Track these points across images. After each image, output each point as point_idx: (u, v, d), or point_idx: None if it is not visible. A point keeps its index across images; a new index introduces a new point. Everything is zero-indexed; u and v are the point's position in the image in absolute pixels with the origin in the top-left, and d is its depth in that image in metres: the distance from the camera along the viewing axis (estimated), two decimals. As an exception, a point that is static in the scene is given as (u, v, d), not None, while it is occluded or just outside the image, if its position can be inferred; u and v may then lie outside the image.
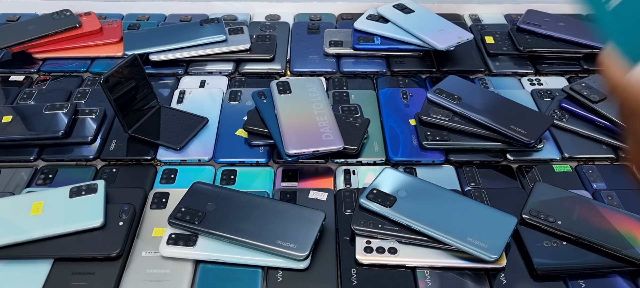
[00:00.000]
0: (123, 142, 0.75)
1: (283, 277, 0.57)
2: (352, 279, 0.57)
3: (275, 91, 0.77)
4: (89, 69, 0.91)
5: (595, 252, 0.59)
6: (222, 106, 0.82)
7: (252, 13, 1.08)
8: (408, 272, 0.58)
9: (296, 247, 0.57)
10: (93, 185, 0.63)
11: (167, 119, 0.78)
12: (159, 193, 0.67)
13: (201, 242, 0.59)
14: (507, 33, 0.97)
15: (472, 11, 1.08)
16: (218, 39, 0.91)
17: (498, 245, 0.57)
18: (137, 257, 0.60)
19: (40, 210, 0.61)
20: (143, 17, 1.05)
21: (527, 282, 0.58)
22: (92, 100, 0.83)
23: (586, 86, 0.79)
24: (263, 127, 0.74)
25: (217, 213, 0.60)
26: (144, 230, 0.63)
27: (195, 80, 0.88)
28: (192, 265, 0.59)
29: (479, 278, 0.58)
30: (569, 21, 0.96)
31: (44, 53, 0.92)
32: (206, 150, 0.74)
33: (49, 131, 0.74)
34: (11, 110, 0.77)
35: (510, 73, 0.91)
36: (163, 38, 0.91)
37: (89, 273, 0.57)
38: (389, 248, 0.59)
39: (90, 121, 0.77)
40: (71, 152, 0.74)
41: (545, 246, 0.60)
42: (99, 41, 0.93)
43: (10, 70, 0.91)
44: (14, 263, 0.59)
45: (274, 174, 0.71)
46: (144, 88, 0.77)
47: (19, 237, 0.59)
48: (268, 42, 0.94)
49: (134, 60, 0.75)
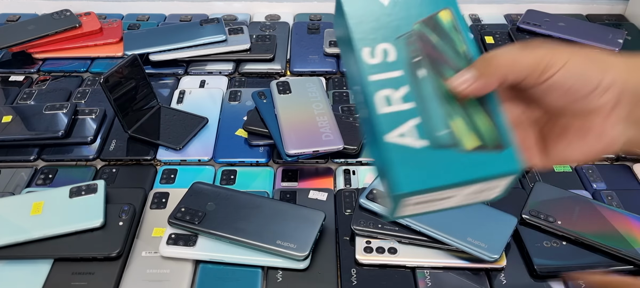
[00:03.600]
0: (123, 142, 0.75)
1: (283, 277, 0.57)
2: (352, 279, 0.57)
3: (275, 91, 0.77)
4: (89, 69, 0.91)
5: (595, 252, 0.59)
6: (222, 106, 0.82)
7: (252, 13, 1.08)
8: (408, 272, 0.58)
9: (296, 247, 0.57)
10: (93, 185, 0.63)
11: (167, 119, 0.78)
12: (158, 193, 0.67)
13: (201, 242, 0.59)
14: (507, 33, 0.97)
15: (472, 11, 1.08)
16: (218, 39, 0.91)
17: (498, 245, 0.57)
18: (137, 257, 0.60)
19: (40, 210, 0.61)
20: (143, 17, 1.05)
21: (527, 282, 0.58)
22: (92, 100, 0.83)
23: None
24: (263, 127, 0.74)
25: (217, 213, 0.60)
26: (144, 230, 0.63)
27: (195, 80, 0.88)
28: (192, 265, 0.59)
29: (479, 278, 0.58)
30: (569, 21, 0.96)
31: (44, 53, 0.92)
32: (206, 150, 0.74)
33: (49, 131, 0.74)
34: (11, 110, 0.77)
35: (510, 73, 0.90)
36: (163, 38, 0.91)
37: (89, 273, 0.57)
38: (388, 248, 0.59)
39: (90, 121, 0.77)
40: (71, 152, 0.74)
41: (545, 246, 0.60)
42: (99, 41, 0.93)
43: (10, 70, 0.91)
44: (14, 263, 0.59)
45: (274, 174, 0.71)
46: (144, 88, 0.77)
47: (19, 237, 0.59)
48: (268, 42, 0.94)
49: (134, 60, 0.75)
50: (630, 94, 0.33)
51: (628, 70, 0.33)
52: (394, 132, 0.33)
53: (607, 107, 0.33)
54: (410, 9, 0.36)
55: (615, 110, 0.33)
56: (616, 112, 0.33)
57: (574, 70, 0.32)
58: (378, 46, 0.35)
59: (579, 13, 1.07)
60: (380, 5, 0.36)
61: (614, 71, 0.33)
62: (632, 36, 0.98)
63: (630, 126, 0.34)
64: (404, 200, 0.33)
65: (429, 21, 0.35)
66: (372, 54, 0.35)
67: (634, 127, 0.34)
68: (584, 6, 1.08)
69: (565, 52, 0.33)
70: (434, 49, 0.35)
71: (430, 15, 0.36)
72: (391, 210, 0.34)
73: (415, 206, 0.34)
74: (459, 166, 0.32)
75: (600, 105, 0.33)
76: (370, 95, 0.34)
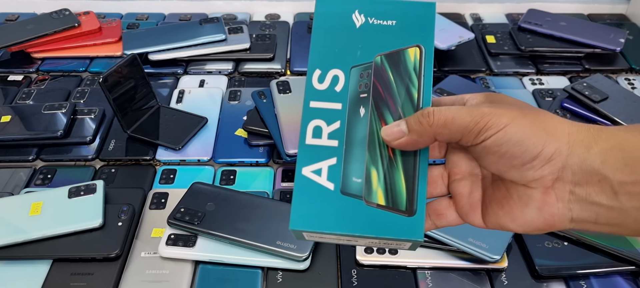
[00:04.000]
0: (122, 142, 0.75)
1: (283, 278, 0.57)
2: (352, 280, 0.57)
3: (275, 91, 0.77)
4: (87, 69, 0.91)
5: (597, 252, 0.59)
6: (221, 106, 0.81)
7: (252, 12, 1.08)
8: (409, 272, 0.58)
9: (296, 247, 0.57)
10: (92, 185, 0.63)
11: (167, 118, 0.77)
12: (158, 193, 0.67)
13: (201, 242, 0.59)
14: (508, 32, 0.96)
15: (473, 10, 1.07)
16: (217, 39, 0.90)
17: (499, 246, 0.57)
18: (136, 257, 0.59)
19: (39, 210, 0.61)
20: (142, 17, 1.05)
21: (529, 283, 0.57)
22: (91, 100, 0.83)
23: (588, 86, 0.79)
24: (263, 127, 0.73)
25: (217, 213, 0.60)
26: (143, 231, 0.62)
27: (194, 79, 0.88)
28: (191, 265, 0.59)
29: (480, 279, 0.57)
30: (571, 20, 0.96)
31: (42, 52, 0.92)
32: (206, 150, 0.73)
33: (48, 131, 0.73)
34: (10, 110, 0.77)
35: (512, 72, 0.90)
36: (162, 37, 0.91)
37: (88, 274, 0.57)
38: (389, 249, 0.59)
39: (89, 121, 0.76)
40: (70, 152, 0.73)
41: (547, 246, 0.60)
42: (98, 40, 0.93)
43: (9, 70, 0.90)
44: (13, 264, 0.58)
45: (274, 174, 0.71)
46: (143, 88, 0.76)
47: (17, 237, 0.58)
48: (268, 42, 0.94)
49: (133, 59, 0.74)
50: (572, 172, 0.30)
51: (571, 142, 0.30)
52: (310, 166, 0.32)
53: (547, 180, 0.31)
54: (380, 38, 0.34)
55: (557, 185, 0.31)
56: (558, 188, 0.31)
57: (511, 135, 0.30)
58: (330, 71, 0.34)
59: (580, 12, 1.07)
60: (352, 25, 0.35)
61: (557, 143, 0.30)
62: (633, 36, 0.98)
63: (575, 205, 0.31)
64: (302, 232, 0.32)
65: (393, 56, 0.34)
66: (321, 79, 0.34)
67: (581, 207, 0.31)
68: (586, 6, 1.08)
69: (506, 116, 0.30)
70: (386, 87, 0.33)
71: (397, 50, 0.34)
72: (295, 235, 0.34)
73: (319, 236, 0.33)
74: (358, 219, 0.31)
75: (539, 177, 0.31)
76: (304, 122, 0.33)
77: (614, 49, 0.89)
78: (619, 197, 0.29)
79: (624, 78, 0.88)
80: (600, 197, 0.30)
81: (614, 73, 0.90)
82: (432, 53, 0.34)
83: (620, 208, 0.30)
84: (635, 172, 0.29)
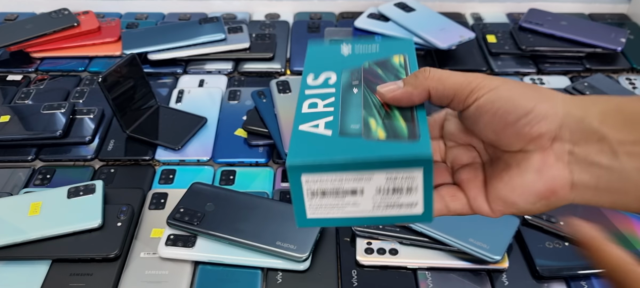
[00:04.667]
0: (121, 142, 0.74)
1: (283, 279, 0.57)
2: (352, 280, 0.57)
3: (275, 90, 0.77)
4: (87, 69, 0.90)
5: (598, 253, 0.59)
6: (221, 106, 0.81)
7: (252, 12, 1.08)
8: (409, 273, 0.58)
9: (296, 248, 0.56)
10: (91, 185, 0.63)
11: (166, 118, 0.77)
12: (157, 193, 0.66)
13: (200, 243, 0.59)
14: (509, 32, 0.96)
15: (474, 10, 1.07)
16: (217, 38, 0.90)
17: (500, 246, 0.57)
18: (135, 258, 0.59)
19: (38, 210, 0.61)
20: (141, 16, 1.04)
21: (529, 283, 0.57)
22: (90, 99, 0.83)
23: (589, 86, 0.79)
24: (263, 127, 0.73)
25: (216, 214, 0.60)
26: (143, 231, 0.62)
27: (194, 79, 0.88)
28: (191, 266, 0.58)
29: (481, 280, 0.57)
30: (572, 20, 0.95)
31: (41, 52, 0.91)
32: (205, 150, 0.73)
33: (47, 131, 0.73)
34: (9, 110, 0.77)
35: (513, 72, 0.90)
36: (162, 37, 0.91)
37: (87, 275, 0.57)
38: (389, 249, 0.58)
39: (88, 121, 0.76)
40: (69, 152, 0.73)
41: (548, 247, 0.59)
42: (97, 40, 0.93)
43: (8, 70, 0.90)
44: (12, 264, 0.58)
45: (274, 174, 0.71)
46: (143, 87, 0.76)
47: (16, 237, 0.58)
48: (268, 41, 0.94)
49: (133, 59, 0.74)
50: (570, 130, 0.30)
51: (567, 103, 0.30)
52: (308, 124, 0.33)
53: (544, 139, 0.30)
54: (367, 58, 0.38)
55: (555, 145, 0.30)
56: (556, 148, 0.30)
57: (502, 94, 0.31)
58: (323, 73, 0.37)
59: (581, 12, 1.07)
60: (340, 54, 0.39)
61: (551, 103, 0.30)
62: (634, 35, 0.97)
63: (575, 167, 0.30)
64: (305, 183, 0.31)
65: (380, 60, 0.38)
66: (315, 77, 0.37)
67: (580, 168, 0.30)
68: (587, 5, 1.08)
69: (497, 79, 0.32)
70: (376, 77, 0.36)
71: (383, 58, 0.38)
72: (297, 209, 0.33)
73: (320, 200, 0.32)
74: (361, 149, 0.31)
75: (535, 136, 0.30)
76: (299, 102, 0.35)
77: (615, 48, 0.89)
78: (619, 157, 0.29)
79: (625, 78, 0.88)
80: (600, 157, 0.30)
81: (615, 73, 0.90)
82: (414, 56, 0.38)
83: (620, 169, 0.29)
84: (635, 130, 0.29)
